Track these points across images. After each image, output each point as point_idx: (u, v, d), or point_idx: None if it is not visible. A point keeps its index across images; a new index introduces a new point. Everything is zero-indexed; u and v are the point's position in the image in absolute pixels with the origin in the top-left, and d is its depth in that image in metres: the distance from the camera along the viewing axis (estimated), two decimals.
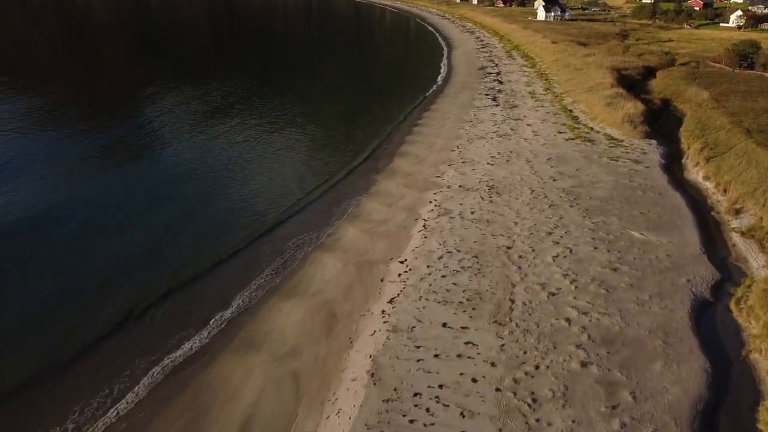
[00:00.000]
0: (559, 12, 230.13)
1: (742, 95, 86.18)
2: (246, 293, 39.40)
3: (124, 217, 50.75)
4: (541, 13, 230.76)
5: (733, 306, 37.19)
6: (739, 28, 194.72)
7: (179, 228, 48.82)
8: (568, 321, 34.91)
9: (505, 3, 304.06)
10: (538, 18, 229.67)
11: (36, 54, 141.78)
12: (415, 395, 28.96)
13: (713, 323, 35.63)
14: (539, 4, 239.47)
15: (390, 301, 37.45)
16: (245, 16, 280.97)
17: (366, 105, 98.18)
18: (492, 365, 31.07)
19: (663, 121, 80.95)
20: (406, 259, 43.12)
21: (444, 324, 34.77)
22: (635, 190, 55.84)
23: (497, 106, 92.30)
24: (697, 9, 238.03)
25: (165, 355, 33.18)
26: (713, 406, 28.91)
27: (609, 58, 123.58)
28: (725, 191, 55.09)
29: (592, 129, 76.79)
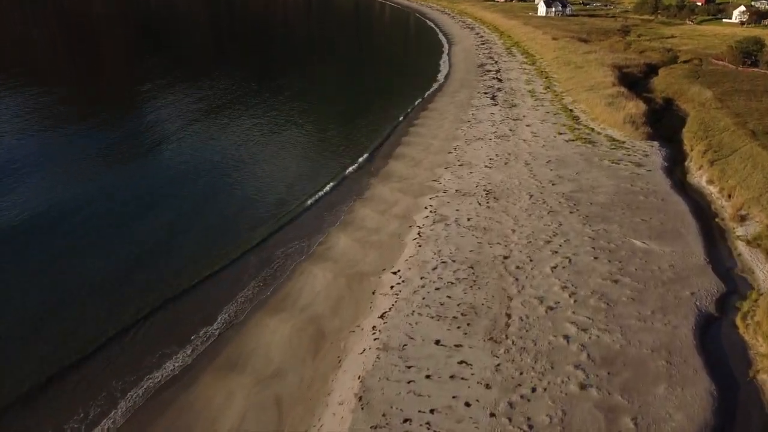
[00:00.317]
0: (560, 7, 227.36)
1: (746, 95, 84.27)
2: (232, 307, 37.83)
3: (109, 223, 49.19)
4: (542, 9, 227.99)
5: (740, 321, 35.63)
6: (742, 24, 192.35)
7: (165, 238, 47.17)
8: (566, 338, 33.40)
9: None
10: (538, 13, 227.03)
11: (35, 52, 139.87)
12: (405, 421, 27.46)
13: (718, 341, 34.06)
14: None
15: (381, 316, 35.94)
16: (244, 14, 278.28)
17: (365, 104, 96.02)
18: (486, 387, 29.58)
19: (665, 122, 79.12)
20: (399, 270, 41.56)
21: (437, 341, 33.27)
22: (637, 195, 54.23)
23: (496, 105, 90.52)
24: (700, 4, 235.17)
25: (145, 375, 31.69)
26: None
27: (610, 55, 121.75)
28: (730, 196, 53.43)
29: (592, 130, 75.05)
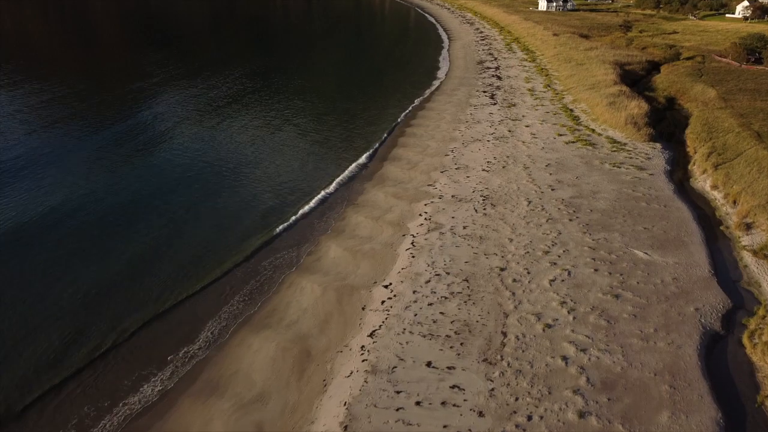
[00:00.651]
0: (561, 2, 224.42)
1: (750, 94, 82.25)
2: (216, 324, 36.20)
3: (91, 235, 47.59)
4: (543, 4, 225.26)
5: (746, 340, 33.94)
6: (746, 19, 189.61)
7: (150, 249, 45.46)
8: (564, 360, 31.74)
9: None
10: (539, 8, 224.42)
11: (38, 48, 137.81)
12: None
13: (725, 362, 32.41)
14: None
15: (371, 335, 34.29)
16: (243, 13, 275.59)
17: (364, 104, 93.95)
18: (480, 415, 27.95)
19: (668, 122, 77.13)
20: (390, 283, 39.88)
21: (428, 363, 31.63)
22: (639, 200, 52.44)
23: (495, 104, 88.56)
24: None
25: (120, 401, 30.07)
26: None
27: (611, 51, 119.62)
28: (735, 203, 51.61)
29: (593, 131, 73.15)
